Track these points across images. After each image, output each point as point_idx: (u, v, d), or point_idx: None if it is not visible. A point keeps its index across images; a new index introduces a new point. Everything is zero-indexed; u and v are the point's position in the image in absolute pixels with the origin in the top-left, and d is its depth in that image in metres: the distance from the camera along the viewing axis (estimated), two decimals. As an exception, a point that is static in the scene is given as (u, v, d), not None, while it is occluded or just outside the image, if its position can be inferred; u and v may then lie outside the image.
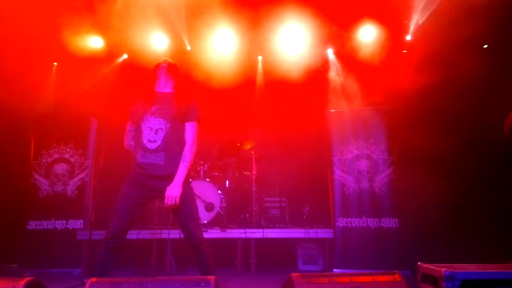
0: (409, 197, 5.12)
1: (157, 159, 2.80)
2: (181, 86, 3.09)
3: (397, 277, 2.33)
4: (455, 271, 2.18)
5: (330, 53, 6.29)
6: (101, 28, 5.71)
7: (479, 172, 5.11)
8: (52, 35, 5.63)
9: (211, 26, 5.82)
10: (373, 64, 5.73)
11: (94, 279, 2.17)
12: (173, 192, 2.73)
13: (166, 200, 2.73)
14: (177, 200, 2.73)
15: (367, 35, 5.78)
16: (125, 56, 6.28)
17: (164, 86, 3.01)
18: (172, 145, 2.83)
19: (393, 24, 5.64)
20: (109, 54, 6.08)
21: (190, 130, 2.89)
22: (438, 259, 2.84)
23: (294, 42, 6.01)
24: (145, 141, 2.83)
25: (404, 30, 5.81)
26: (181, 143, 2.87)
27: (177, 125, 2.87)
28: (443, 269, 2.22)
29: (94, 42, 5.92)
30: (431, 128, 5.50)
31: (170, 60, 3.11)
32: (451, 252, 4.77)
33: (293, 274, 2.32)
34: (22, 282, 2.16)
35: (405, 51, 5.99)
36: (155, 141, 2.82)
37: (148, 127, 2.84)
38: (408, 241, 4.88)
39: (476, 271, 2.21)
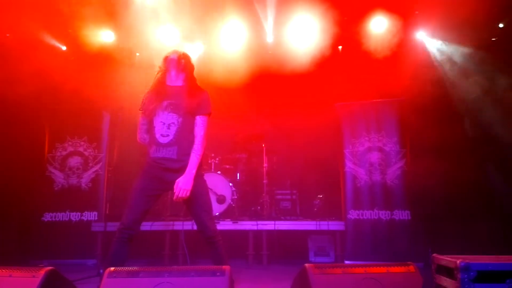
0: (421, 189, 5.09)
1: (170, 153, 2.82)
2: (192, 78, 3.06)
3: (411, 268, 2.33)
4: (471, 262, 2.18)
5: (342, 44, 6.22)
6: (112, 22, 5.73)
7: (494, 164, 5.05)
8: (64, 28, 5.68)
9: (220, 19, 5.81)
10: (385, 55, 5.67)
11: (112, 269, 2.21)
12: (184, 184, 2.74)
13: (177, 192, 2.72)
14: (188, 193, 2.74)
15: (379, 25, 5.71)
16: (137, 54, 6.30)
17: (175, 80, 2.99)
18: (184, 139, 2.85)
19: (405, 14, 5.56)
20: (121, 48, 6.10)
21: (200, 123, 2.89)
22: (451, 251, 2.83)
23: (304, 34, 5.97)
24: (157, 135, 2.85)
25: (417, 21, 5.73)
26: (193, 137, 2.88)
27: (189, 119, 2.88)
28: (458, 260, 2.21)
29: (105, 36, 5.95)
30: (444, 120, 5.44)
31: (180, 51, 3.05)
32: (464, 244, 4.74)
33: (307, 265, 2.34)
34: (42, 272, 2.22)
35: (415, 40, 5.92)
36: (168, 135, 2.83)
37: (161, 122, 2.86)
38: (420, 233, 4.87)
39: (492, 262, 2.20)
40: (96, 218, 5.28)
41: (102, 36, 5.94)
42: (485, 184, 5.13)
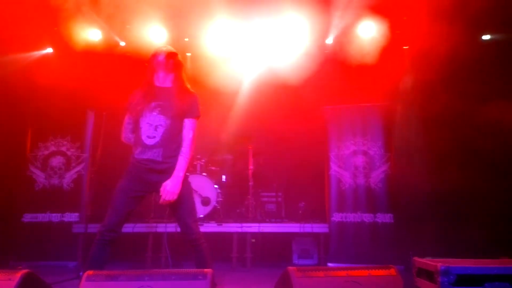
0: (404, 193, 5.15)
1: (155, 155, 2.78)
2: (181, 79, 3.00)
3: (392, 271, 2.35)
4: (450, 265, 2.21)
5: (329, 48, 6.25)
6: (99, 21, 5.67)
7: (474, 169, 5.14)
8: (50, 27, 5.59)
9: (208, 20, 5.79)
10: (372, 60, 5.72)
11: (91, 272, 2.18)
12: (172, 187, 2.71)
13: (164, 195, 2.69)
14: (175, 196, 2.71)
15: (366, 31, 5.76)
16: (122, 43, 6.19)
17: (163, 81, 2.93)
18: (170, 141, 2.81)
19: (392, 20, 5.62)
20: (108, 47, 6.03)
21: (189, 126, 2.85)
22: (432, 254, 2.87)
23: (292, 37, 5.99)
24: (143, 137, 2.80)
25: (403, 27, 5.81)
26: (179, 139, 2.84)
27: (177, 122, 2.84)
28: (439, 263, 2.24)
29: (92, 35, 5.88)
30: (428, 125, 5.52)
31: (169, 49, 2.96)
32: (445, 248, 4.82)
33: (290, 268, 2.34)
34: (18, 275, 2.17)
35: (406, 47, 5.98)
36: (154, 137, 2.79)
37: (147, 123, 2.81)
38: (402, 237, 4.92)
39: (471, 266, 2.23)
40: (77, 220, 5.19)
41: (88, 34, 5.87)
42: (467, 189, 5.21)
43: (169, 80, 2.95)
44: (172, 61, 2.93)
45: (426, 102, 5.59)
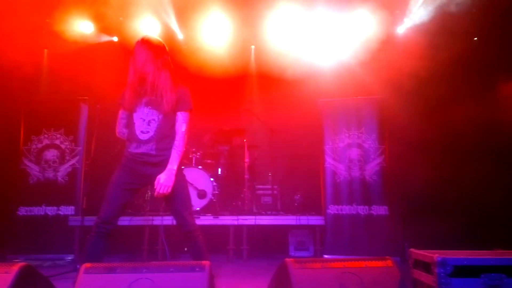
0: (399, 185, 5.18)
1: (149, 149, 2.79)
2: (171, 72, 2.98)
3: (389, 262, 2.37)
4: (447, 257, 2.23)
5: (323, 40, 6.24)
6: (91, 13, 5.60)
7: (468, 162, 5.18)
8: (42, 19, 5.51)
9: (203, 13, 5.75)
10: (366, 53, 5.72)
11: (88, 265, 2.17)
12: (166, 181, 2.72)
13: (158, 188, 2.70)
14: (169, 189, 2.72)
15: (361, 23, 5.75)
16: (114, 38, 6.14)
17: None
18: (164, 135, 2.82)
19: (386, 13, 5.62)
20: (100, 39, 5.97)
21: (182, 119, 2.86)
22: (427, 246, 2.88)
23: (286, 30, 5.97)
24: (137, 132, 2.81)
25: (398, 19, 5.81)
26: (172, 132, 2.85)
27: (170, 116, 2.84)
28: (435, 255, 2.26)
29: (84, 27, 5.82)
30: (422, 117, 5.55)
31: (159, 44, 2.89)
32: (439, 239, 4.86)
33: (287, 259, 2.34)
34: (16, 268, 2.15)
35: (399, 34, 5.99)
36: (148, 132, 2.80)
37: (141, 118, 2.82)
38: (397, 228, 4.96)
39: (468, 257, 2.26)
40: (73, 213, 5.17)
41: (81, 26, 5.80)
42: (461, 181, 5.25)
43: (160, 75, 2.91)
44: (161, 60, 2.88)
45: (420, 95, 5.61)
